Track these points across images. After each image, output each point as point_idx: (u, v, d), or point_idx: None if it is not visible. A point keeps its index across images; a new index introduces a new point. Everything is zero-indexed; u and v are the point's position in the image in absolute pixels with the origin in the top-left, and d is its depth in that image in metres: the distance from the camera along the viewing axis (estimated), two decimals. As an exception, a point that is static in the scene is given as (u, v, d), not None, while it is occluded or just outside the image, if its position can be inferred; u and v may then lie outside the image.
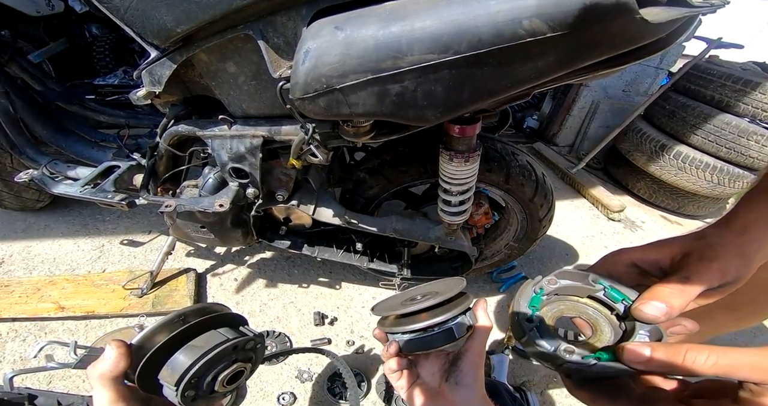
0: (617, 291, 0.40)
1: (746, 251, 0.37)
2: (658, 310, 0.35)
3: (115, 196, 1.02)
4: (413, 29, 0.44)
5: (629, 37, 0.45)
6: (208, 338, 0.40)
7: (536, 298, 0.41)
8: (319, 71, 0.46)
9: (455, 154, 0.73)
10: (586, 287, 0.42)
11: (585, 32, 0.42)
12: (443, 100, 0.48)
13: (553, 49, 0.44)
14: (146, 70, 0.73)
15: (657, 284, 0.38)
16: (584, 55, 0.46)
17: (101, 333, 1.15)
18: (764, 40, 4.03)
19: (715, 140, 1.79)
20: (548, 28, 0.42)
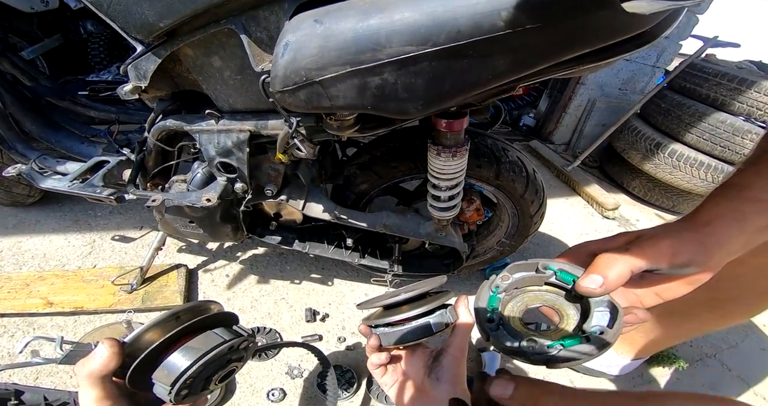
0: (566, 273, 0.40)
1: (706, 242, 0.37)
2: (594, 282, 0.36)
3: (104, 191, 1.02)
4: (392, 21, 0.43)
5: (611, 29, 0.44)
6: (205, 339, 0.40)
7: (493, 297, 0.41)
8: (298, 64, 0.46)
9: (443, 149, 0.72)
10: (537, 275, 0.42)
11: (565, 24, 0.42)
12: (424, 92, 0.47)
13: (534, 41, 0.44)
14: (132, 64, 0.73)
15: (600, 254, 0.38)
16: (566, 47, 0.45)
17: (90, 329, 1.15)
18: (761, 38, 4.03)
19: (710, 139, 1.78)
20: (527, 19, 0.41)
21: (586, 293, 0.37)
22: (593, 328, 0.35)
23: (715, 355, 1.36)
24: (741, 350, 1.40)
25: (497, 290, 0.42)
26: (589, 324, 0.36)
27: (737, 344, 1.41)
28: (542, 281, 0.42)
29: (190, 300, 1.28)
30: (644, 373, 1.25)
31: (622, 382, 1.21)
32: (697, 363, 1.31)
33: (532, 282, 0.43)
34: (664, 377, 1.25)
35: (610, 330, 0.35)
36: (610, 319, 0.36)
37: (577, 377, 1.20)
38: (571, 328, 0.38)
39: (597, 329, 0.35)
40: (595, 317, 0.36)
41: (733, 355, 1.37)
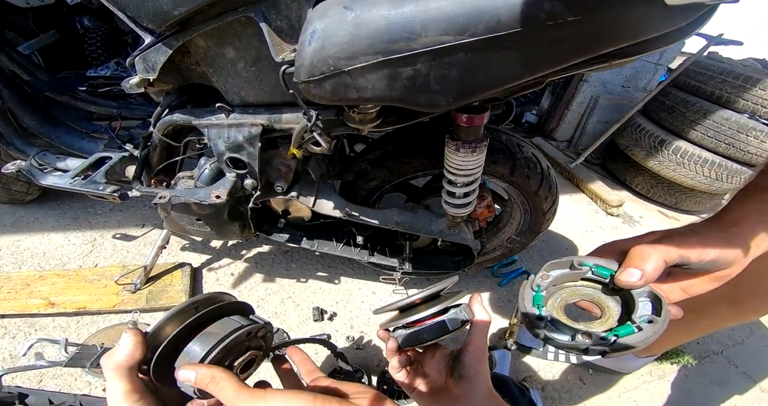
0: (602, 268, 0.42)
1: (733, 241, 0.39)
2: (633, 275, 0.38)
3: (107, 187, 0.99)
4: (428, 9, 0.41)
5: (651, 23, 0.43)
6: (223, 324, 0.39)
7: (537, 296, 0.43)
8: (326, 53, 0.44)
9: (462, 144, 0.71)
10: (573, 272, 0.44)
11: (606, 17, 0.40)
12: (457, 85, 0.45)
13: (573, 34, 0.42)
14: (140, 56, 0.70)
15: (633, 247, 0.40)
16: (604, 41, 0.44)
17: (93, 330, 1.12)
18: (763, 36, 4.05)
19: (714, 136, 1.78)
20: (569, 11, 0.40)
21: (627, 286, 0.38)
22: (642, 317, 0.37)
23: (721, 351, 1.36)
24: (747, 347, 1.40)
25: (540, 289, 0.43)
26: (636, 314, 0.37)
27: (743, 341, 1.42)
28: (578, 276, 0.44)
29: None
30: (652, 370, 1.25)
31: (631, 379, 1.21)
32: (704, 360, 1.32)
33: (569, 279, 0.44)
34: (672, 374, 1.25)
35: (659, 318, 0.36)
36: (654, 308, 0.38)
37: (587, 374, 1.19)
38: (614, 319, 0.39)
39: (646, 317, 0.37)
40: (640, 308, 0.37)
41: (739, 351, 1.38)
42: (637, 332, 0.36)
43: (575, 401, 1.14)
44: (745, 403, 1.20)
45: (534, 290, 0.43)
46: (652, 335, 0.35)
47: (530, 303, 0.42)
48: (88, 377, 1.01)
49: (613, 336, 0.36)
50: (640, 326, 0.36)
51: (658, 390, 1.20)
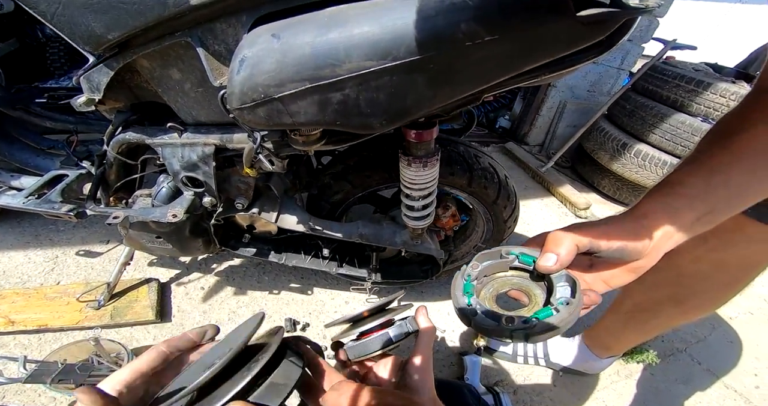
0: (526, 255, 0.44)
1: (639, 232, 0.41)
2: (549, 259, 0.39)
3: (62, 206, 0.97)
4: (351, 35, 0.42)
5: (568, 39, 0.44)
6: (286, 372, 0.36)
7: (467, 284, 0.44)
8: (255, 80, 0.44)
9: (413, 160, 0.72)
10: (502, 261, 0.45)
11: (523, 35, 0.42)
12: (386, 107, 0.46)
13: (493, 53, 0.44)
14: (84, 76, 0.70)
15: (548, 235, 0.42)
16: (525, 59, 0.45)
17: (56, 346, 1.09)
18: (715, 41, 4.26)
19: (672, 139, 1.86)
20: (486, 31, 0.41)
21: (545, 271, 0.40)
22: (559, 300, 0.38)
23: (685, 349, 1.41)
24: (709, 344, 1.45)
25: (470, 278, 0.44)
26: (555, 297, 0.39)
27: (705, 338, 1.47)
28: (507, 265, 0.45)
29: (163, 315, 1.23)
30: (620, 370, 1.28)
31: (600, 380, 1.24)
32: (669, 358, 1.36)
33: (499, 268, 0.46)
34: (638, 373, 1.29)
35: (573, 299, 0.38)
36: (572, 290, 0.39)
37: (558, 377, 1.22)
38: (540, 305, 0.41)
39: (563, 299, 0.38)
40: (558, 291, 0.39)
41: (702, 349, 1.43)
42: (555, 313, 0.37)
43: (546, 404, 1.16)
44: (709, 400, 1.25)
45: (465, 279, 0.44)
46: (568, 316, 0.37)
47: (460, 291, 0.43)
48: (53, 392, 0.99)
49: (534, 319, 0.37)
50: (557, 308, 0.38)
51: (625, 389, 1.24)
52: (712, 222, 0.43)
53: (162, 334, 1.19)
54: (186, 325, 1.23)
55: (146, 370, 0.37)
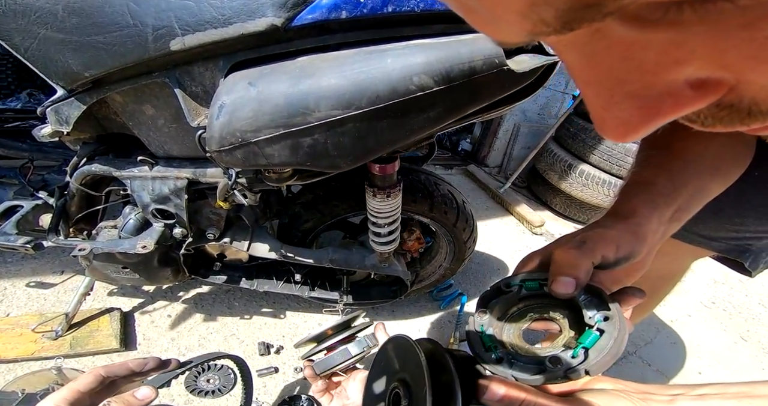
0: (531, 281, 0.39)
1: (637, 231, 0.39)
2: (568, 285, 0.35)
3: (18, 239, 0.94)
4: (320, 87, 0.48)
5: (502, 85, 0.53)
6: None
7: (485, 337, 0.38)
8: (233, 126, 0.49)
9: (378, 191, 0.78)
10: (508, 296, 0.40)
11: (465, 84, 0.50)
12: (351, 149, 0.52)
13: (441, 100, 0.51)
14: (52, 108, 0.70)
15: (555, 253, 0.38)
16: (468, 104, 0.54)
17: (10, 377, 1.05)
18: None
19: (608, 159, 2.06)
20: (434, 82, 0.49)
21: (562, 296, 0.36)
22: (596, 318, 0.33)
23: (635, 352, 1.53)
24: (656, 345, 1.58)
25: (483, 328, 0.39)
26: (588, 316, 0.34)
27: (652, 340, 1.60)
28: (516, 298, 0.40)
29: (128, 343, 1.19)
30: (576, 376, 1.37)
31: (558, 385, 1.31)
32: (621, 361, 1.47)
33: (508, 304, 0.41)
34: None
35: (610, 312, 0.33)
36: (600, 302, 0.35)
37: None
38: (569, 329, 0.36)
39: (599, 317, 0.33)
40: (587, 308, 0.34)
41: (650, 350, 1.54)
42: (600, 335, 0.32)
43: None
44: (663, 400, 1.35)
45: (479, 332, 0.38)
46: (618, 333, 0.31)
47: (483, 349, 0.37)
48: None
49: (581, 350, 0.31)
50: (599, 328, 0.32)
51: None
52: (680, 220, 0.44)
53: (126, 366, 1.14)
54: (153, 352, 1.19)
55: (84, 390, 0.42)
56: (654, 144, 0.49)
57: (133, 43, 0.51)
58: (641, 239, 0.39)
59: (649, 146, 0.50)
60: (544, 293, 0.38)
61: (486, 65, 0.49)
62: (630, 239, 0.39)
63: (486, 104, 0.56)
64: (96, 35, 0.51)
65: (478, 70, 0.49)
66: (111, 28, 0.50)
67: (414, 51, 0.49)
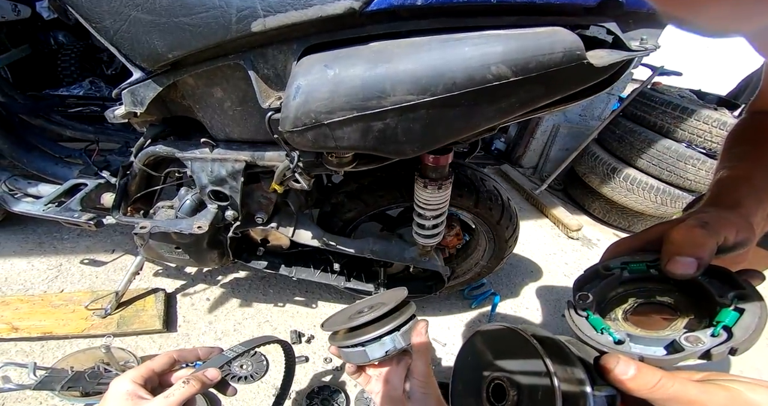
0: (636, 264, 0.37)
1: (749, 222, 0.38)
2: (689, 266, 0.32)
3: (82, 215, 0.99)
4: (397, 72, 0.49)
5: (579, 79, 0.52)
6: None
7: (596, 320, 0.35)
8: (309, 107, 0.50)
9: (429, 182, 0.78)
10: (608, 280, 0.38)
11: (542, 76, 0.49)
12: (420, 136, 0.53)
13: (516, 91, 0.51)
14: (128, 89, 0.73)
15: (673, 232, 0.35)
16: (542, 96, 0.53)
17: (59, 354, 1.10)
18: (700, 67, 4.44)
19: (658, 164, 1.96)
20: (512, 72, 0.49)
21: (682, 278, 0.33)
22: (730, 297, 0.31)
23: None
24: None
25: (590, 313, 0.36)
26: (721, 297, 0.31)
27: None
28: (617, 282, 0.38)
29: (169, 324, 1.25)
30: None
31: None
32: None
33: (609, 289, 0.38)
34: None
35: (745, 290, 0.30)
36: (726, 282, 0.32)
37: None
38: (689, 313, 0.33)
39: (733, 294, 0.31)
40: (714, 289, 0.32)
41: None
42: (741, 313, 0.29)
43: None
44: None
45: (587, 317, 0.36)
46: (762, 310, 0.29)
47: (595, 332, 0.34)
48: (54, 400, 0.99)
49: (723, 329, 0.29)
50: (737, 307, 0.30)
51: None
52: None
53: (167, 343, 1.20)
54: (191, 335, 1.24)
55: (157, 370, 0.48)
56: (748, 140, 0.48)
57: (218, 25, 0.53)
58: (752, 229, 0.37)
59: (742, 142, 0.49)
60: (650, 277, 0.36)
61: (566, 58, 0.48)
62: (745, 226, 0.37)
63: (558, 98, 0.55)
64: (183, 16, 0.53)
65: (557, 62, 0.48)
66: (198, 9, 0.52)
67: (492, 40, 0.49)
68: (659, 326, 0.35)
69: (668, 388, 0.27)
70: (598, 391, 0.30)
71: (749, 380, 0.29)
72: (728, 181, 0.44)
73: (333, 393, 1.10)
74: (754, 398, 0.26)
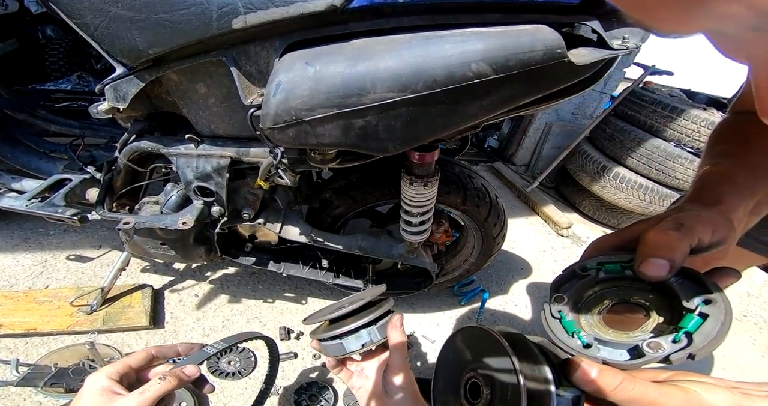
0: (611, 264, 0.37)
1: (728, 219, 0.38)
2: (661, 268, 0.32)
3: (66, 210, 0.98)
4: (377, 69, 0.49)
5: (560, 77, 0.52)
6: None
7: (567, 323, 0.36)
8: (289, 104, 0.50)
9: (415, 179, 0.78)
10: (584, 280, 0.38)
11: (523, 74, 0.49)
12: (402, 133, 0.52)
13: (497, 89, 0.51)
14: (111, 85, 0.73)
15: (648, 234, 0.35)
16: (523, 94, 0.53)
17: (43, 351, 1.08)
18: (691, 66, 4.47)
19: (647, 163, 1.99)
20: (492, 70, 0.49)
21: (653, 279, 0.33)
22: (695, 301, 0.31)
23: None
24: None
25: (563, 315, 0.37)
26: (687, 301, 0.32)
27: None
28: (593, 283, 0.38)
29: (156, 321, 1.24)
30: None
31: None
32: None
33: (584, 289, 0.39)
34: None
35: (713, 295, 0.31)
36: (697, 285, 0.33)
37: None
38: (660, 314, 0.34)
39: (698, 300, 0.31)
40: (680, 291, 0.33)
41: (673, 361, 1.50)
42: (704, 319, 0.30)
43: None
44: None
45: (558, 320, 0.37)
46: (726, 317, 0.30)
47: (566, 335, 0.35)
48: (39, 397, 0.97)
49: (684, 335, 0.30)
50: (701, 312, 0.30)
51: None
52: (759, 213, 0.43)
53: (154, 340, 1.19)
54: (179, 331, 1.23)
55: (134, 366, 0.47)
56: (731, 138, 0.49)
57: (198, 21, 0.52)
58: (732, 226, 0.37)
59: (726, 140, 0.50)
60: (625, 277, 0.36)
61: (546, 56, 0.48)
62: (724, 224, 0.37)
63: (540, 96, 0.55)
64: (164, 13, 0.53)
65: (537, 60, 0.49)
66: (179, 5, 0.51)
67: (473, 38, 0.49)
68: (633, 326, 0.36)
69: (629, 390, 0.28)
70: (563, 391, 0.31)
71: (710, 380, 0.29)
72: (710, 177, 0.45)
73: (321, 389, 1.10)
74: (711, 399, 0.27)
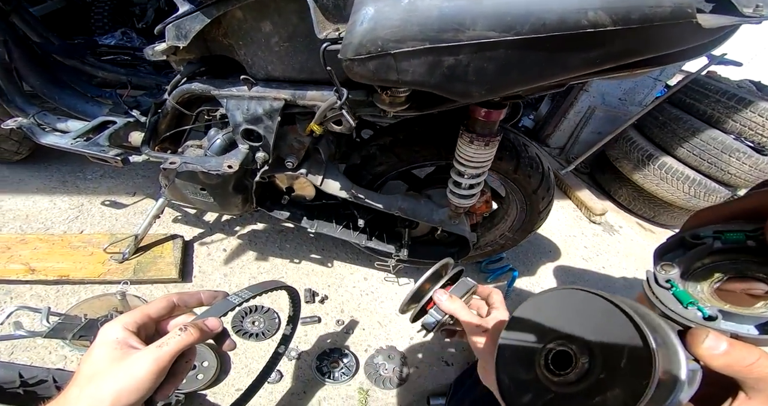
0: (732, 233, 0.33)
1: None
2: None
3: (110, 150, 0.98)
4: (481, 5, 0.44)
5: (681, 39, 0.47)
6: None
7: (680, 293, 0.32)
8: (376, 33, 0.45)
9: (476, 137, 0.74)
10: (696, 250, 0.35)
11: (643, 30, 0.44)
12: (492, 78, 0.48)
13: (610, 42, 0.46)
14: (174, 23, 0.71)
15: None
16: (636, 51, 0.48)
17: (74, 300, 1.09)
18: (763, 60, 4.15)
19: (699, 154, 1.87)
20: (611, 21, 0.43)
21: None
22: None
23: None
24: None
25: (676, 285, 0.33)
26: None
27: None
28: (705, 253, 0.35)
29: (185, 274, 1.24)
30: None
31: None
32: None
33: (695, 259, 0.35)
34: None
35: None
36: None
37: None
38: None
39: None
40: None
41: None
42: None
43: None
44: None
45: (670, 288, 0.33)
46: None
47: (681, 306, 0.31)
48: (64, 350, 0.97)
49: None
50: None
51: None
52: None
53: (182, 295, 1.21)
54: (206, 287, 1.23)
55: (154, 316, 0.43)
56: None
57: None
58: None
59: None
60: (744, 248, 0.33)
61: (673, 14, 0.43)
62: None
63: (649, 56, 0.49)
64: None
65: (663, 16, 0.43)
66: None
67: (595, -19, 0.43)
68: (747, 303, 0.32)
69: (766, 366, 0.25)
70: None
71: None
72: None
73: (343, 356, 1.10)
74: None
